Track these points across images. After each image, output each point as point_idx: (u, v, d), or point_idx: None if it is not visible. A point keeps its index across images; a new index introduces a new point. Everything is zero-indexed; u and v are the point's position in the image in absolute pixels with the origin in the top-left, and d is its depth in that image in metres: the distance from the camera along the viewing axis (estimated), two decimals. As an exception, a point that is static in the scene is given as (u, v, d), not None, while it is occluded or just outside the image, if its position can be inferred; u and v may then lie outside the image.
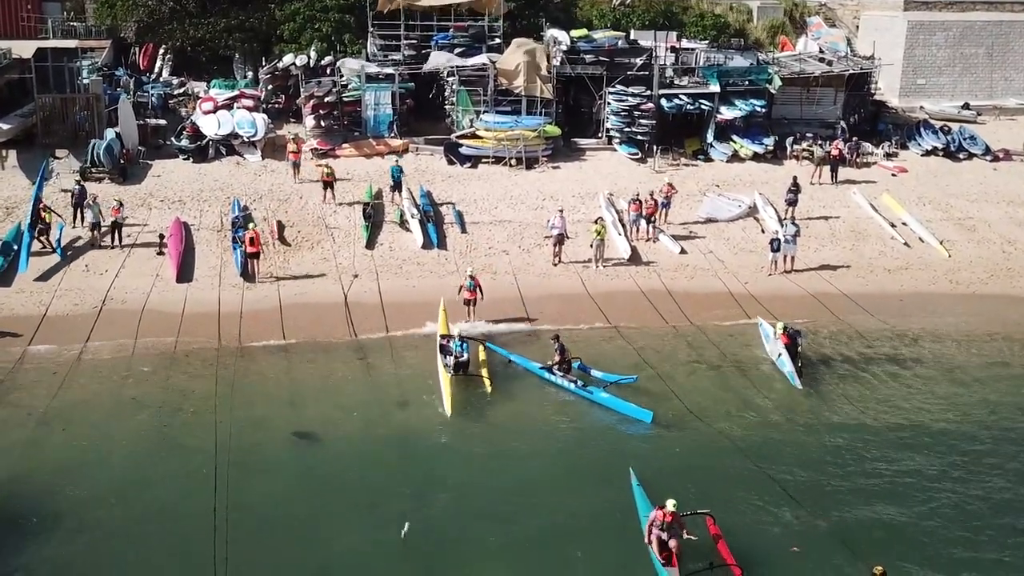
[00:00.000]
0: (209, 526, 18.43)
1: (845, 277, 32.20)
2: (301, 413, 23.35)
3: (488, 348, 26.25)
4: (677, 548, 17.36)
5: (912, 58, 49.18)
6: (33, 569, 17.67)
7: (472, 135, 40.35)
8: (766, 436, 22.70)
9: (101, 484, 20.16)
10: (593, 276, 31.64)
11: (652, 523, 17.63)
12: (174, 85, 44.89)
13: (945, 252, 34.12)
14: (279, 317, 28.34)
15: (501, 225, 34.74)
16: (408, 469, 20.98)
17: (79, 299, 28.81)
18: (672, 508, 17.52)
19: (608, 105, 41.50)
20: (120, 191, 34.73)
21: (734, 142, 41.76)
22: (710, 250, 33.77)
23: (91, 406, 23.35)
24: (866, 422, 23.38)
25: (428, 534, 18.68)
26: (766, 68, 42.99)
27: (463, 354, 24.45)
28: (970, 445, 22.50)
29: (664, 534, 17.44)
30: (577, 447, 22.27)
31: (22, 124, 38.59)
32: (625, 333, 28.10)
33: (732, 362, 26.44)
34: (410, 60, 42.45)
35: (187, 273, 30.69)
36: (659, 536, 17.47)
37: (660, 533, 17.46)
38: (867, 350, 27.46)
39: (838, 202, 37.68)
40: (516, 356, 26.10)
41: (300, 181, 36.61)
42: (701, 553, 17.69)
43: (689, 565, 17.36)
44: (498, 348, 26.46)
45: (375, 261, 32.02)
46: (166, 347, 26.47)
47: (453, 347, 24.42)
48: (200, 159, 38.72)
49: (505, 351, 26.26)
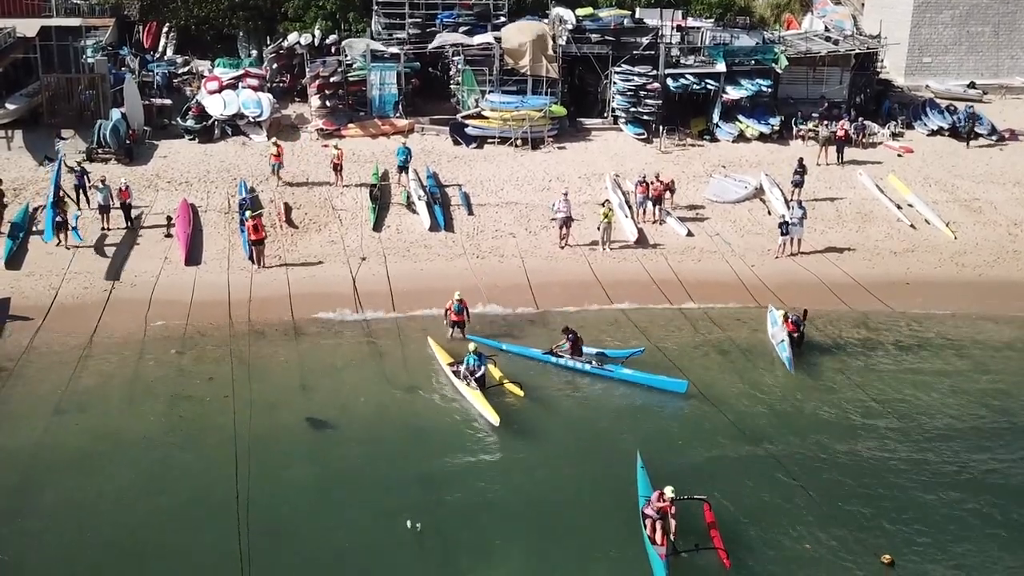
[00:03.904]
0: (228, 519, 18.52)
1: (851, 260, 32.28)
2: (312, 398, 23.48)
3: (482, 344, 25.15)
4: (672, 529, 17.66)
5: (918, 36, 49.02)
6: (54, 560, 17.79)
7: (478, 115, 40.29)
8: (771, 420, 22.91)
9: (120, 475, 20.22)
10: (600, 259, 31.72)
11: (648, 505, 17.96)
12: (178, 64, 44.83)
13: (951, 234, 34.17)
14: (288, 300, 28.43)
15: (507, 207, 34.78)
16: (420, 456, 21.12)
17: (89, 282, 28.89)
18: (671, 495, 17.78)
19: (614, 85, 41.42)
20: (127, 172, 34.69)
21: (740, 122, 41.72)
22: (717, 232, 33.83)
23: (105, 393, 23.44)
24: (871, 407, 23.51)
25: (442, 523, 18.83)
26: (772, 47, 42.85)
27: (480, 367, 23.34)
28: (978, 431, 22.67)
29: (657, 517, 17.72)
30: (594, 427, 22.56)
31: (27, 104, 38.55)
32: (631, 315, 28.18)
33: (739, 345, 26.56)
34: (415, 39, 42.35)
35: (195, 256, 30.75)
36: (653, 518, 17.78)
37: (654, 516, 17.75)
38: (873, 335, 27.59)
39: (844, 183, 37.71)
40: (508, 345, 25.90)
41: (282, 183, 35.19)
42: (693, 536, 17.96)
43: (679, 544, 17.66)
44: (487, 340, 25.77)
45: (383, 244, 32.09)
46: (177, 332, 26.56)
47: (469, 362, 23.35)
48: (206, 139, 38.67)
49: (495, 342, 25.84)
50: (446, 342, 25.76)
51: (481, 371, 23.29)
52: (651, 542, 17.65)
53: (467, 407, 22.89)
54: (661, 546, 17.51)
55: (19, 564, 17.61)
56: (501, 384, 23.57)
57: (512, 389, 23.45)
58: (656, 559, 17.32)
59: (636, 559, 17.76)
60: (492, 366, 23.93)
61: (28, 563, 17.67)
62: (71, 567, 17.61)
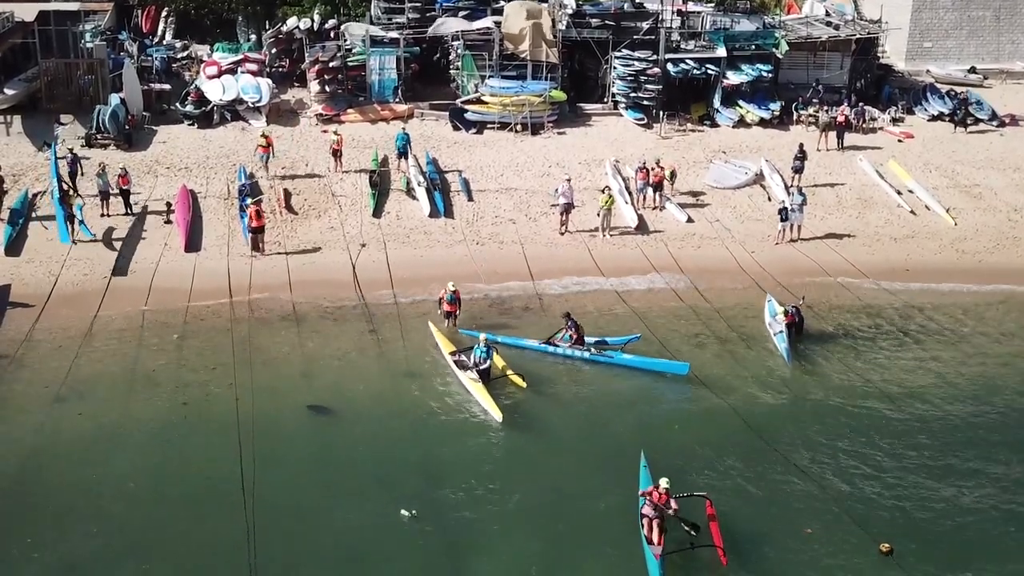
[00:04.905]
0: (233, 506, 18.59)
1: (851, 246, 32.26)
2: (314, 385, 23.55)
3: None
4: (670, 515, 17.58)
5: (919, 21, 48.93)
6: (56, 549, 17.83)
7: (477, 100, 40.19)
8: (770, 409, 22.97)
9: (123, 463, 20.25)
10: (600, 245, 31.71)
11: (646, 504, 17.77)
12: (177, 49, 44.70)
13: (951, 220, 34.14)
14: (288, 287, 28.44)
15: (507, 193, 34.74)
16: (421, 443, 21.21)
17: (89, 269, 28.86)
18: (665, 487, 17.66)
19: (614, 70, 41.31)
20: (126, 158, 34.61)
21: (740, 107, 41.63)
22: (717, 219, 33.81)
23: (107, 380, 23.46)
24: (870, 396, 23.56)
25: (442, 511, 18.93)
26: (773, 32, 42.73)
27: (486, 361, 23.10)
28: (977, 418, 22.74)
29: (654, 515, 17.58)
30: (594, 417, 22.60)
31: (26, 89, 38.43)
32: (631, 303, 28.20)
33: (739, 334, 26.56)
34: (414, 24, 42.19)
35: (195, 242, 30.73)
36: (650, 518, 17.63)
37: (650, 511, 17.62)
38: (873, 322, 27.61)
39: (844, 169, 37.64)
40: (504, 337, 25.56)
41: (272, 176, 34.65)
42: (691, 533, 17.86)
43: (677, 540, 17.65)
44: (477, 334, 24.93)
45: (382, 230, 32.06)
46: (177, 319, 26.55)
47: (477, 354, 23.15)
48: (205, 125, 38.58)
49: (491, 335, 25.23)
50: (446, 329, 25.81)
51: (487, 364, 23.13)
52: (648, 542, 17.48)
53: (468, 396, 22.88)
54: (658, 546, 17.35)
55: (20, 554, 17.64)
56: (504, 375, 23.48)
57: (515, 380, 23.41)
58: (652, 559, 17.16)
59: (634, 553, 17.68)
60: (495, 355, 23.82)
61: (29, 552, 17.68)
62: (73, 556, 17.63)
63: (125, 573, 17.32)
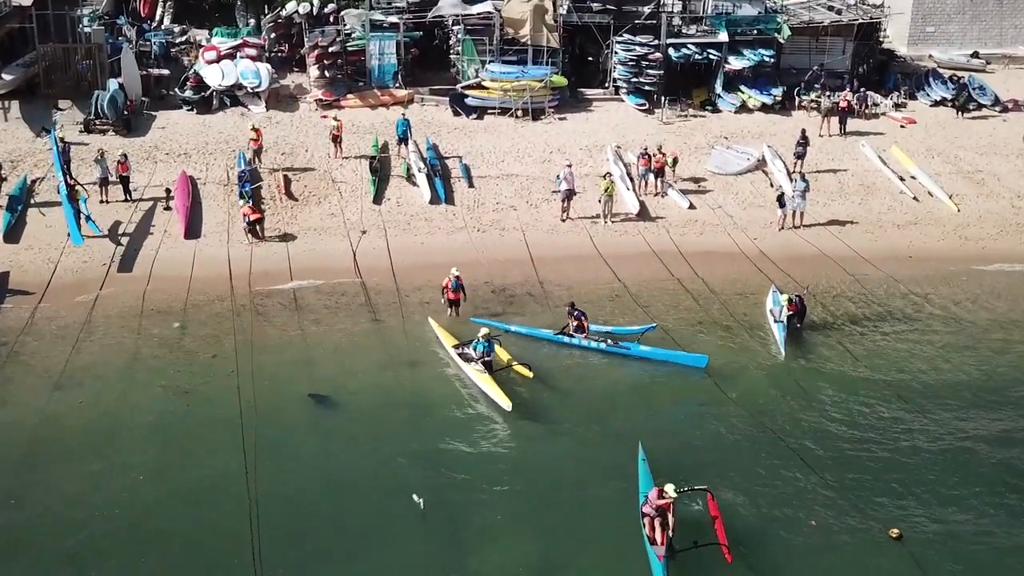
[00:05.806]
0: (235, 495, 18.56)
1: (854, 233, 32.15)
2: (315, 373, 23.41)
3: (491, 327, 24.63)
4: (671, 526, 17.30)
5: (921, 5, 48.70)
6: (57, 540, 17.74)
7: (478, 85, 39.97)
8: (770, 398, 22.86)
9: (124, 452, 20.19)
10: (601, 232, 31.58)
11: (648, 503, 17.55)
12: (176, 33, 44.41)
13: (954, 207, 34.00)
14: (288, 274, 28.35)
15: (508, 179, 34.56)
16: (423, 433, 21.13)
17: (88, 256, 28.71)
18: (672, 494, 17.25)
19: (615, 55, 41.08)
20: (125, 144, 34.43)
21: (742, 92, 41.43)
22: (719, 205, 33.67)
23: (107, 369, 23.36)
24: (875, 383, 23.48)
25: (447, 500, 18.86)
26: (775, 17, 42.51)
27: (489, 353, 22.83)
28: (982, 404, 22.70)
29: (656, 515, 17.35)
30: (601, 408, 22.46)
31: (24, 75, 38.15)
32: (633, 289, 28.09)
33: (741, 322, 26.45)
34: (414, 8, 41.89)
35: (195, 229, 30.57)
36: (651, 516, 17.40)
37: (653, 514, 17.38)
38: (876, 309, 27.50)
39: (847, 155, 37.47)
40: (519, 327, 25.36)
41: (265, 169, 34.05)
42: (694, 529, 17.67)
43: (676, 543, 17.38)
44: (491, 322, 25.21)
45: (383, 217, 31.91)
46: (177, 305, 26.45)
47: (479, 348, 22.82)
48: (204, 110, 38.35)
49: (502, 323, 25.27)
50: (447, 321, 25.54)
51: (490, 357, 22.87)
52: (650, 542, 17.24)
53: (472, 385, 22.77)
54: (660, 546, 17.11)
55: (20, 544, 17.57)
56: (509, 367, 23.16)
57: (521, 371, 23.06)
58: (655, 560, 16.92)
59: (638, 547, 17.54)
60: (499, 347, 23.47)
61: (30, 543, 17.62)
62: (74, 546, 17.55)
63: (126, 561, 17.24)
